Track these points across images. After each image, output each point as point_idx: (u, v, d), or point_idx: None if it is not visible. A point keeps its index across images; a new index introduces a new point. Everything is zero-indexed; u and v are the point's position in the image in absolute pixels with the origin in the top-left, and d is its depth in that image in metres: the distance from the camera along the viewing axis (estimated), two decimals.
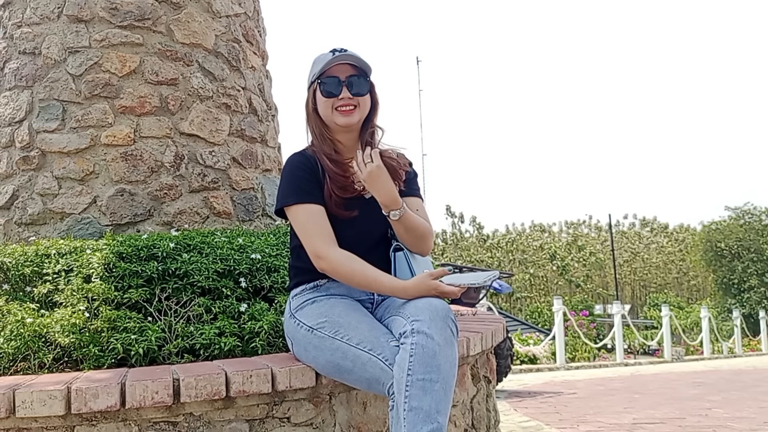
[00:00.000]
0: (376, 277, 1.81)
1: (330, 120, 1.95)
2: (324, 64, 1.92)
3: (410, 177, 2.05)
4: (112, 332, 2.10)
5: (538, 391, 6.87)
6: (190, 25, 3.39)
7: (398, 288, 1.79)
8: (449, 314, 1.67)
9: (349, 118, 1.93)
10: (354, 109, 1.93)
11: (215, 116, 3.39)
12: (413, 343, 1.59)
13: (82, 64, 3.21)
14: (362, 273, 1.81)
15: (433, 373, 1.56)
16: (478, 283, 1.80)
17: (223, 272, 2.48)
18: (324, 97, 1.93)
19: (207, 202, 3.28)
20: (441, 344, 1.60)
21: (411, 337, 1.61)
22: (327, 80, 1.92)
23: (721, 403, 5.44)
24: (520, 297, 26.99)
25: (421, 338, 1.59)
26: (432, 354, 1.58)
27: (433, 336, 1.60)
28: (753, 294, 25.39)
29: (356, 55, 1.93)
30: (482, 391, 2.74)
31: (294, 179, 1.92)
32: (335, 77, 1.92)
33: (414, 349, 1.58)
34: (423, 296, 1.73)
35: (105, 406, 1.68)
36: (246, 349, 2.18)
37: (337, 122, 1.93)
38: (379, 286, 1.82)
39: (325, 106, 1.94)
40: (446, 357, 1.60)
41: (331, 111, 1.93)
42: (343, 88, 1.92)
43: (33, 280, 2.47)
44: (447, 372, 1.59)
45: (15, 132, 3.28)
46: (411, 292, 1.76)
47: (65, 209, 3.12)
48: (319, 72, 1.93)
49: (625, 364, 12.35)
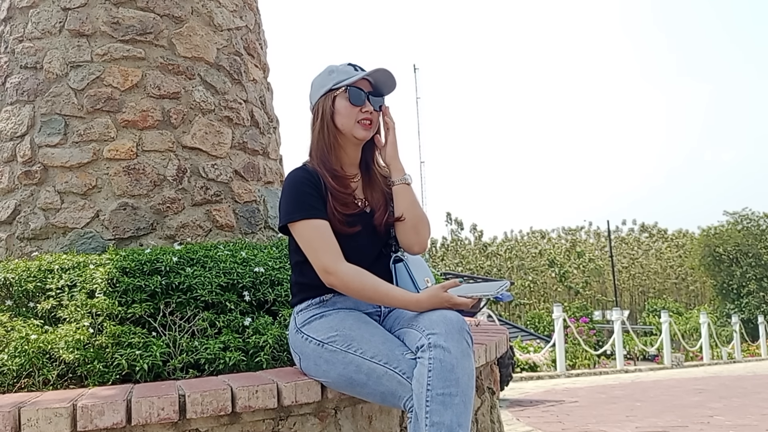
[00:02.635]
0: (387, 291, 1.81)
1: (349, 129, 1.94)
2: (353, 75, 1.92)
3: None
4: (116, 348, 2.10)
5: (540, 400, 6.85)
6: (192, 39, 3.41)
7: (411, 301, 1.78)
8: (464, 326, 1.67)
9: (367, 132, 1.95)
10: (371, 125, 1.95)
11: (217, 129, 3.41)
12: (431, 358, 1.59)
13: (84, 78, 3.22)
14: (373, 287, 1.81)
15: (452, 387, 1.56)
16: (491, 294, 1.79)
17: (226, 286, 2.48)
18: (352, 104, 1.92)
19: (210, 215, 3.28)
20: (458, 357, 1.60)
21: (428, 351, 1.60)
22: (356, 90, 1.92)
23: (722, 410, 5.44)
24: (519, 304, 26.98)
25: (439, 352, 1.59)
26: (450, 368, 1.58)
27: (450, 349, 1.60)
28: (751, 299, 25.41)
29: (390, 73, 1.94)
30: (486, 402, 2.74)
31: (298, 195, 1.92)
32: (361, 89, 1.93)
33: (432, 364, 1.58)
34: (436, 308, 1.73)
35: (111, 423, 1.67)
36: (250, 363, 2.18)
37: (356, 135, 1.94)
38: (391, 300, 1.81)
39: (349, 116, 1.93)
40: (464, 369, 1.60)
41: (354, 121, 1.93)
42: (366, 101, 1.93)
43: (36, 295, 2.47)
44: (465, 384, 1.59)
45: (17, 146, 3.28)
46: (424, 305, 1.75)
47: (68, 224, 3.12)
48: (347, 80, 1.92)
49: (625, 371, 12.34)
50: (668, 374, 11.36)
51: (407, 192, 1.97)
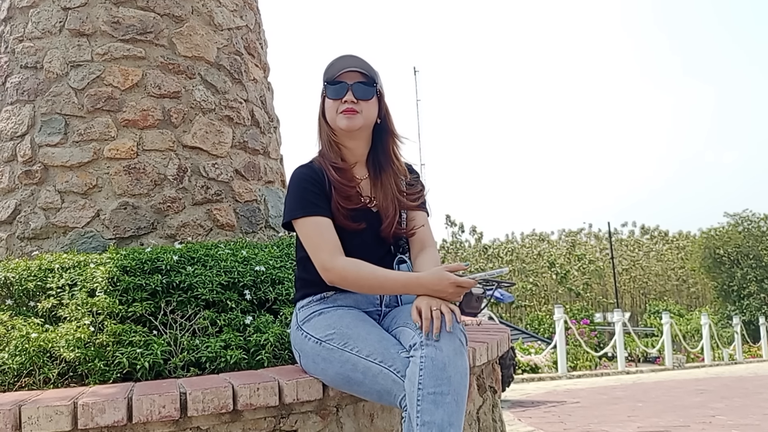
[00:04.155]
0: (386, 275, 1.78)
1: (334, 123, 1.96)
2: (332, 70, 1.95)
3: (418, 190, 2.05)
4: (117, 346, 2.10)
5: (542, 401, 6.84)
6: (192, 39, 3.41)
7: (412, 281, 1.75)
8: (458, 323, 1.66)
9: (350, 122, 1.93)
10: (357, 114, 1.93)
11: (218, 129, 3.40)
12: (422, 356, 1.58)
13: (84, 77, 3.22)
14: (372, 275, 1.78)
15: (444, 385, 1.55)
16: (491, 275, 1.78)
17: (227, 285, 2.47)
18: (330, 99, 1.95)
19: (210, 215, 3.28)
20: (450, 355, 1.59)
21: (420, 350, 1.59)
22: (334, 84, 1.95)
23: (724, 411, 5.42)
24: (520, 306, 26.98)
25: (430, 350, 1.58)
26: (441, 366, 1.57)
27: (442, 347, 1.59)
28: (752, 300, 25.39)
29: (362, 60, 1.95)
30: (488, 401, 2.73)
31: (300, 191, 1.92)
32: (343, 82, 1.94)
33: (423, 362, 1.57)
34: (437, 290, 1.71)
35: (112, 421, 1.66)
36: (252, 361, 2.17)
37: (339, 125, 1.94)
38: (392, 284, 1.79)
39: (331, 109, 1.95)
40: (456, 368, 1.59)
41: (336, 114, 1.94)
42: (348, 92, 1.93)
43: (37, 294, 2.46)
44: (458, 383, 1.58)
45: (17, 146, 3.28)
46: (426, 283, 1.72)
47: (68, 223, 3.11)
48: (329, 77, 1.95)
49: (626, 372, 12.31)
50: (670, 375, 11.34)
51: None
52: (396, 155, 2.02)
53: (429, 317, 1.64)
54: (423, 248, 1.98)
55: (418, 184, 2.06)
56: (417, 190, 2.04)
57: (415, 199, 2.02)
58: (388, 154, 2.01)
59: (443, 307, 1.66)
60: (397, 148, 2.03)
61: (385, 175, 2.00)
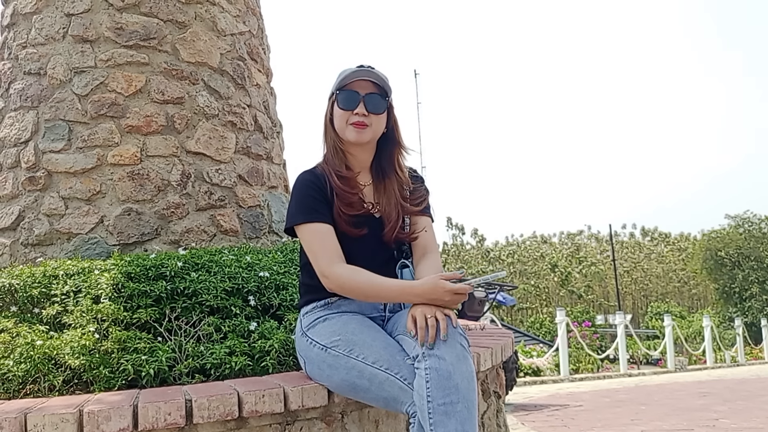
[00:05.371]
0: (383, 283, 1.78)
1: (342, 133, 1.95)
2: (345, 77, 1.93)
3: (421, 195, 2.05)
4: (122, 353, 2.10)
5: (545, 404, 6.83)
6: (196, 44, 3.41)
7: (407, 289, 1.75)
8: (456, 329, 1.66)
9: (360, 135, 1.92)
10: (366, 128, 1.92)
11: (221, 134, 3.41)
12: (427, 368, 1.58)
13: (87, 84, 3.23)
14: (368, 283, 1.79)
15: (452, 395, 1.55)
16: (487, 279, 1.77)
17: (231, 291, 2.47)
18: (340, 108, 1.93)
19: (214, 220, 3.28)
20: (454, 363, 1.59)
21: (423, 362, 1.60)
22: (346, 93, 1.93)
23: (727, 413, 5.42)
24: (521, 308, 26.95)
25: (433, 361, 1.59)
26: (447, 375, 1.57)
27: (444, 356, 1.59)
28: (754, 302, 25.35)
29: (379, 73, 1.94)
30: (492, 406, 2.73)
31: (302, 198, 1.92)
32: (355, 92, 1.92)
33: (429, 374, 1.57)
34: (433, 298, 1.69)
35: (117, 429, 1.67)
36: (256, 368, 2.17)
37: (348, 137, 1.93)
38: (387, 292, 1.79)
39: (341, 119, 1.94)
40: (462, 374, 1.59)
41: (345, 124, 1.93)
42: (360, 104, 1.91)
43: (41, 301, 2.47)
44: (466, 388, 1.58)
45: (21, 152, 3.28)
46: (420, 293, 1.71)
47: (72, 229, 3.11)
48: (340, 84, 1.93)
49: (629, 375, 12.30)
50: (672, 378, 11.33)
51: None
52: (401, 166, 2.02)
53: (423, 326, 1.64)
54: (425, 253, 1.98)
55: (422, 189, 2.07)
56: (420, 195, 2.04)
57: (419, 204, 2.02)
58: (393, 164, 2.01)
59: (438, 314, 1.66)
60: (403, 159, 2.03)
61: (389, 181, 2.00)
